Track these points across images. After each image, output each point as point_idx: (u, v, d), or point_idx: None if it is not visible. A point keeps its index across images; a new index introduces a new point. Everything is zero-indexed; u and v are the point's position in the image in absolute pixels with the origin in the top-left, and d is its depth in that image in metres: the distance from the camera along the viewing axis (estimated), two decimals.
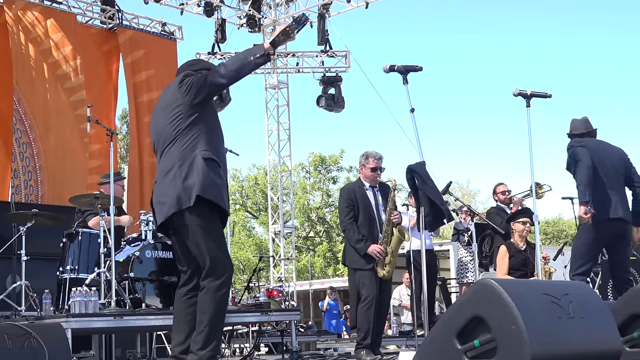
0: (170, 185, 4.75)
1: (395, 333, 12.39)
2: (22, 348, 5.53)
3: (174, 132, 4.80)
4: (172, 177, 4.75)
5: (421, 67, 5.79)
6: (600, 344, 4.17)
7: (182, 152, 4.76)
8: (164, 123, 4.86)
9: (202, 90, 4.78)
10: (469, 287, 10.38)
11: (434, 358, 4.08)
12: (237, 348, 11.39)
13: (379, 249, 7.25)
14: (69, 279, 7.49)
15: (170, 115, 4.83)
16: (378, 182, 7.59)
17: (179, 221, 4.76)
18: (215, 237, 4.80)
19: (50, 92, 12.85)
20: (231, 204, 36.80)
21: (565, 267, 10.34)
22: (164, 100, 4.97)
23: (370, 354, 7.25)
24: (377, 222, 7.42)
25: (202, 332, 4.71)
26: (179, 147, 4.78)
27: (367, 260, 7.30)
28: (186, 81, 4.82)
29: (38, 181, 12.35)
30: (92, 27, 14.29)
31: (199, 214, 4.72)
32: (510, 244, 8.75)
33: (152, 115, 5.12)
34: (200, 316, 4.74)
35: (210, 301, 4.71)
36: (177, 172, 4.73)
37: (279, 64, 16.65)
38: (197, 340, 4.71)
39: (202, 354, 4.67)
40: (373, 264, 7.29)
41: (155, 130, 4.98)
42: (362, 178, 7.60)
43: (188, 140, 4.78)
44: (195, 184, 4.69)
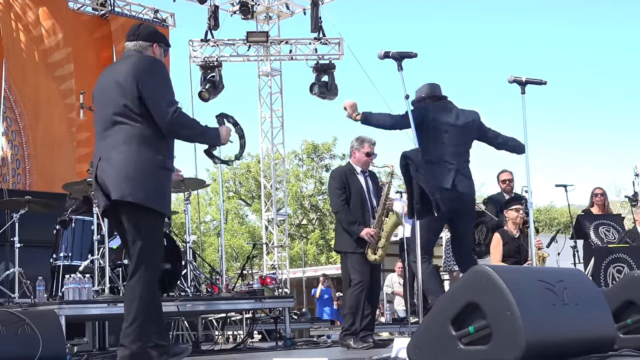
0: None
1: (388, 320, 12.43)
2: (16, 335, 5.53)
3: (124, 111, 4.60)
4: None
5: (416, 54, 5.79)
6: (594, 331, 4.19)
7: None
8: (117, 97, 4.61)
9: (162, 118, 4.56)
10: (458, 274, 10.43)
11: (429, 344, 4.09)
12: (230, 335, 11.40)
13: (373, 232, 7.21)
14: (62, 266, 7.47)
15: (125, 98, 4.59)
16: (369, 167, 7.55)
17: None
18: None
19: (41, 80, 12.80)
20: (224, 191, 36.77)
21: (558, 254, 10.37)
22: (124, 73, 4.63)
23: (358, 341, 7.18)
24: (369, 207, 7.38)
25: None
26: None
27: (358, 243, 7.24)
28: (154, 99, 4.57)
29: (26, 170, 12.30)
30: (84, 14, 14.22)
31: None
32: (504, 231, 8.76)
33: (104, 74, 4.84)
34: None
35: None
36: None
37: (272, 52, 16.59)
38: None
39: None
40: (364, 248, 7.25)
41: (103, 93, 4.73)
42: (353, 162, 7.51)
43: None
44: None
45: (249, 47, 16.22)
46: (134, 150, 4.55)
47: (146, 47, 4.82)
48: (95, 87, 4.85)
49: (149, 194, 4.57)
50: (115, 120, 4.60)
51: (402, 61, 5.76)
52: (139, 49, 4.80)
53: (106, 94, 4.68)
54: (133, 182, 4.53)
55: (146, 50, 4.81)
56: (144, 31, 4.87)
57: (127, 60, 4.73)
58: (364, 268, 7.28)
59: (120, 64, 4.78)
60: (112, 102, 4.61)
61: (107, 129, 4.64)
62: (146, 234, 4.62)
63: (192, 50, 15.71)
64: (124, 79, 4.59)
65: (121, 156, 4.55)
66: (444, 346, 3.98)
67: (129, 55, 4.79)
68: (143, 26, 4.94)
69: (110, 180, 4.56)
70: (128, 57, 4.77)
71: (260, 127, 17.65)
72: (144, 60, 4.71)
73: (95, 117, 4.81)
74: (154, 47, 4.85)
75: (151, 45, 4.84)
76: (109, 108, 4.63)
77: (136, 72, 4.59)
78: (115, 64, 4.84)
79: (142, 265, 4.56)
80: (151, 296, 4.60)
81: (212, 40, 15.75)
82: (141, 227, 4.61)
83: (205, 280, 8.99)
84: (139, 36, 4.83)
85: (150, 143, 4.59)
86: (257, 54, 16.66)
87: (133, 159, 4.54)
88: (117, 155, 4.56)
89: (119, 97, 4.59)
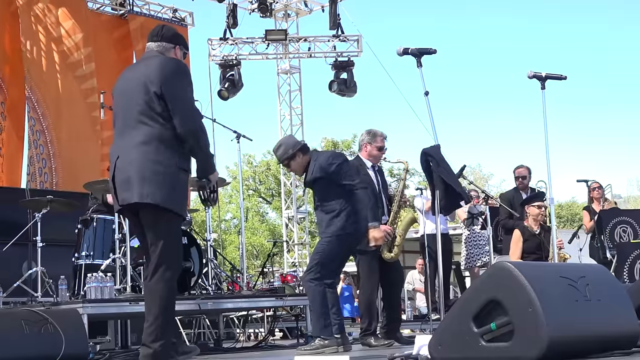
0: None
1: (409, 317, 12.40)
2: (39, 334, 5.57)
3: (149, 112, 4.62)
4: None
5: (435, 50, 5.76)
6: (617, 327, 4.16)
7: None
8: (141, 97, 4.62)
9: (186, 122, 4.59)
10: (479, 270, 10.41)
11: (450, 341, 4.07)
12: (251, 333, 11.43)
13: (389, 229, 7.13)
14: (84, 265, 7.52)
15: (148, 99, 4.60)
16: (379, 161, 7.43)
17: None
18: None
19: (62, 80, 12.88)
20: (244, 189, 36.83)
21: (580, 250, 10.30)
22: (149, 74, 4.63)
23: (379, 339, 7.17)
24: (382, 203, 7.25)
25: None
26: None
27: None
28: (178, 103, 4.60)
29: (52, 169, 12.41)
30: (103, 14, 14.31)
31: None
32: (525, 227, 8.71)
33: (126, 74, 4.86)
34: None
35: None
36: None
37: (290, 49, 16.60)
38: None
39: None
40: (377, 246, 7.15)
41: (125, 93, 4.74)
42: (363, 156, 7.32)
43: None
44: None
45: (267, 45, 16.23)
46: (153, 151, 4.56)
47: (169, 48, 4.85)
48: (116, 86, 4.85)
49: (167, 195, 4.57)
50: (137, 119, 4.60)
51: (421, 57, 5.73)
52: (162, 50, 4.83)
53: (129, 94, 4.67)
54: (152, 183, 4.53)
55: (169, 51, 4.84)
56: (168, 33, 4.90)
57: (151, 61, 4.73)
58: (373, 267, 7.19)
59: (144, 65, 4.77)
60: (136, 102, 4.61)
61: (128, 128, 4.64)
62: (165, 234, 4.63)
63: (211, 49, 15.75)
64: (149, 80, 4.59)
65: (141, 156, 4.56)
66: (466, 343, 3.97)
67: (152, 56, 4.79)
68: (166, 27, 4.97)
69: (129, 181, 4.56)
70: (152, 58, 4.77)
71: (279, 125, 17.67)
72: (170, 62, 4.73)
73: (116, 116, 4.81)
74: (176, 49, 4.89)
75: (174, 47, 4.87)
76: (132, 107, 4.63)
77: (162, 74, 4.60)
78: (137, 65, 4.84)
79: (162, 266, 4.58)
80: (171, 296, 4.63)
81: (231, 38, 15.78)
82: (160, 228, 4.63)
83: (226, 278, 9.02)
84: (163, 37, 4.86)
85: (170, 144, 4.59)
86: (276, 51, 16.67)
87: (152, 159, 4.55)
88: (136, 155, 4.56)
89: (143, 97, 4.59)
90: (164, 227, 4.63)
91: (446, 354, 4.07)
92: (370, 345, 7.11)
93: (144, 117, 4.58)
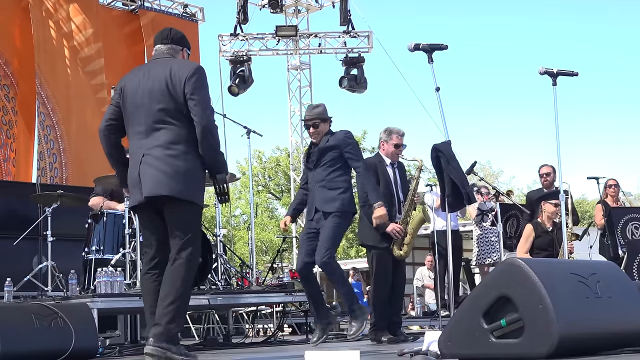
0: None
1: (418, 313, 12.40)
2: (49, 327, 5.59)
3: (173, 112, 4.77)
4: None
5: (446, 46, 5.75)
6: (627, 324, 4.14)
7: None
8: (164, 98, 4.76)
9: (202, 119, 4.73)
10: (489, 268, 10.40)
11: (460, 337, 4.07)
12: (260, 328, 11.44)
13: (399, 228, 7.16)
14: (94, 259, 7.53)
15: (173, 100, 4.76)
16: (398, 159, 7.50)
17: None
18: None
19: (72, 75, 12.93)
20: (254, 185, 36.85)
21: (590, 247, 10.28)
22: (170, 76, 4.78)
23: (387, 334, 7.20)
24: (397, 200, 7.31)
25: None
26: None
27: (383, 238, 7.16)
28: (198, 98, 4.74)
29: (62, 163, 12.44)
30: (114, 9, 14.33)
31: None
32: (537, 223, 8.69)
33: (141, 75, 4.92)
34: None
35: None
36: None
37: (301, 45, 16.59)
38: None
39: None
40: (389, 243, 7.20)
41: (144, 93, 4.83)
42: (382, 154, 7.43)
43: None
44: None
45: (278, 41, 16.24)
46: (182, 149, 4.73)
47: (178, 50, 5.05)
48: (130, 85, 4.90)
49: (195, 190, 4.80)
50: (161, 119, 4.75)
51: (432, 53, 5.72)
52: (172, 53, 5.01)
53: (149, 94, 4.78)
54: (182, 180, 4.72)
55: (177, 53, 5.04)
56: (176, 36, 5.09)
57: (169, 63, 4.88)
58: (387, 264, 7.24)
59: (161, 66, 4.88)
60: (157, 102, 4.75)
61: (152, 128, 4.76)
62: (194, 227, 4.83)
63: (222, 44, 15.77)
64: (171, 81, 4.75)
65: (169, 155, 4.72)
66: (476, 339, 3.96)
67: (167, 58, 4.95)
68: (174, 30, 5.15)
69: (159, 177, 4.70)
70: (168, 60, 4.92)
71: (289, 121, 17.67)
72: (190, 64, 4.90)
73: (133, 115, 4.86)
74: (183, 51, 5.09)
75: (181, 49, 5.08)
76: (153, 108, 4.76)
77: (185, 76, 4.75)
78: (152, 65, 4.92)
79: (187, 250, 4.72)
80: (190, 281, 4.77)
81: (242, 34, 15.79)
82: (189, 222, 4.81)
83: (236, 273, 9.02)
84: (172, 40, 5.05)
85: (194, 144, 4.77)
86: (287, 47, 16.67)
87: (182, 158, 4.73)
88: (164, 154, 4.72)
89: (166, 98, 4.74)
90: (193, 220, 4.84)
91: (456, 350, 4.07)
92: (380, 341, 7.12)
93: (168, 117, 4.75)
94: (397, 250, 7.20)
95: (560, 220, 8.58)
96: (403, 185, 7.40)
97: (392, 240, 7.16)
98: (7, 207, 9.39)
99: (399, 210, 7.30)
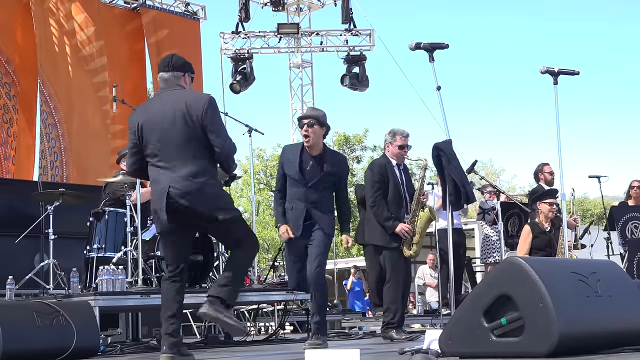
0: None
1: (420, 312, 12.40)
2: (51, 325, 5.60)
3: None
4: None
5: (447, 45, 5.74)
6: (628, 323, 4.15)
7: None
8: (182, 128, 4.99)
9: (223, 149, 5.05)
10: (493, 266, 10.40)
11: (461, 336, 4.08)
12: (262, 327, 11.44)
13: (408, 229, 7.20)
14: (96, 257, 7.55)
15: (196, 129, 4.99)
16: (404, 160, 7.52)
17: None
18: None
19: (74, 73, 12.92)
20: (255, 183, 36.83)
21: (591, 246, 10.28)
22: (186, 107, 5.00)
23: (401, 332, 7.25)
24: (404, 202, 7.36)
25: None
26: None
27: (392, 238, 7.22)
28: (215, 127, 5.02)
29: (63, 162, 12.44)
30: (116, 7, 14.31)
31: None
32: (535, 224, 8.69)
33: (159, 104, 5.12)
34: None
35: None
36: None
37: (303, 43, 16.59)
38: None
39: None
40: (399, 243, 7.24)
41: (161, 124, 5.04)
42: (388, 155, 7.46)
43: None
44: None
45: (279, 39, 16.24)
46: (209, 180, 5.01)
47: (179, 76, 5.20)
48: (146, 117, 5.09)
49: (225, 209, 5.05)
50: (185, 150, 4.97)
51: (433, 52, 5.71)
52: (175, 81, 5.17)
53: (168, 126, 4.98)
54: (215, 205, 5.00)
55: (180, 80, 5.19)
56: (177, 62, 5.21)
57: (182, 94, 5.10)
58: (399, 263, 7.28)
59: (175, 98, 5.07)
60: (177, 133, 4.97)
61: (177, 159, 4.96)
62: (241, 229, 5.18)
63: (223, 42, 15.77)
64: (188, 113, 4.96)
65: (199, 186, 4.94)
66: (476, 338, 3.97)
67: (177, 91, 5.13)
68: (175, 57, 5.27)
69: (194, 208, 4.93)
70: (179, 93, 5.11)
71: (291, 119, 17.68)
72: (204, 96, 5.13)
73: (151, 144, 5.02)
74: (185, 76, 5.22)
75: (183, 75, 5.20)
76: (174, 139, 4.97)
77: (201, 107, 4.98)
78: (164, 97, 5.12)
79: (244, 237, 5.11)
80: (247, 266, 5.32)
81: (243, 32, 15.80)
82: (235, 228, 5.11)
83: None
84: (174, 67, 5.18)
85: (216, 169, 5.14)
86: (288, 45, 16.67)
87: (210, 187, 5.00)
88: (194, 186, 4.93)
89: (186, 129, 4.96)
90: (237, 226, 5.13)
91: (456, 349, 4.08)
92: (392, 339, 7.16)
93: (191, 148, 4.97)
94: (407, 250, 7.25)
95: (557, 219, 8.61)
96: (408, 187, 7.45)
97: (401, 240, 7.21)
98: (8, 205, 9.39)
99: (407, 211, 7.34)
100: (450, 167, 5.59)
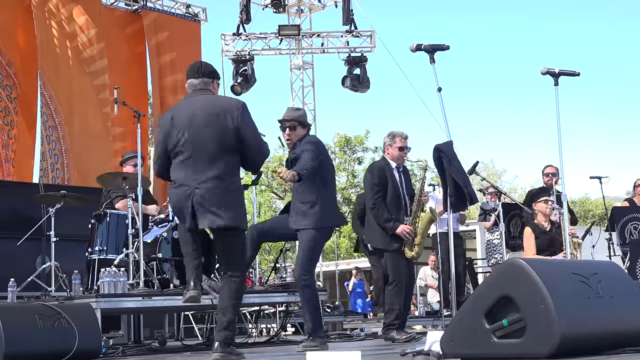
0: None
1: (421, 313, 12.39)
2: (53, 328, 5.61)
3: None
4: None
5: (448, 46, 5.75)
6: (629, 324, 4.15)
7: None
8: (216, 131, 5.13)
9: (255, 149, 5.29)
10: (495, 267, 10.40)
11: (462, 337, 4.08)
12: (264, 328, 11.44)
13: (409, 230, 7.20)
14: (97, 259, 7.55)
15: (227, 131, 5.14)
16: (404, 162, 7.53)
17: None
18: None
19: (75, 75, 12.92)
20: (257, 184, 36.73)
21: (593, 246, 10.28)
22: (221, 111, 5.16)
23: (402, 333, 7.26)
24: (404, 204, 7.36)
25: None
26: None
27: (394, 240, 7.23)
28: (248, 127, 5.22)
29: (64, 164, 12.43)
30: (117, 9, 14.33)
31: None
32: (535, 225, 8.68)
33: (188, 107, 5.25)
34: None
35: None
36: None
37: (303, 45, 16.59)
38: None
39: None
40: (400, 244, 7.24)
41: (192, 126, 5.17)
42: (388, 158, 7.48)
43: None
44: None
45: (280, 41, 16.23)
46: (235, 182, 5.20)
47: (209, 83, 5.38)
48: (176, 117, 5.23)
49: (243, 217, 5.22)
50: (215, 153, 5.11)
51: (434, 54, 5.72)
52: (204, 86, 5.34)
53: (201, 128, 5.12)
54: (235, 210, 5.13)
55: (209, 86, 5.37)
56: (206, 69, 5.40)
57: (216, 99, 5.34)
58: (401, 265, 7.29)
59: (210, 100, 5.27)
60: (210, 136, 5.11)
61: (206, 161, 5.10)
62: (242, 249, 5.35)
63: (224, 44, 15.76)
64: (223, 117, 5.14)
65: (224, 188, 5.10)
66: (478, 339, 3.97)
67: (209, 95, 5.31)
68: (204, 64, 5.48)
69: (216, 208, 5.07)
70: (211, 97, 5.31)
71: None
72: (239, 102, 5.33)
73: (182, 146, 5.15)
74: (214, 83, 5.43)
75: (212, 81, 5.40)
76: (206, 142, 5.11)
77: (237, 112, 5.17)
78: (196, 100, 5.27)
79: (237, 271, 5.26)
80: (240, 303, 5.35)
81: (244, 34, 15.78)
82: (236, 243, 5.24)
83: None
84: (203, 74, 5.36)
85: (239, 171, 5.34)
86: (289, 47, 16.66)
87: (233, 190, 5.16)
88: (219, 186, 5.09)
89: (220, 133, 5.12)
90: (238, 243, 5.26)
91: (458, 350, 4.08)
92: (394, 340, 7.16)
93: (221, 151, 5.12)
94: (409, 251, 7.26)
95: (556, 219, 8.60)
96: (408, 189, 7.45)
97: (402, 242, 7.21)
98: (10, 207, 9.39)
99: (406, 213, 7.34)
100: (452, 168, 5.60)
